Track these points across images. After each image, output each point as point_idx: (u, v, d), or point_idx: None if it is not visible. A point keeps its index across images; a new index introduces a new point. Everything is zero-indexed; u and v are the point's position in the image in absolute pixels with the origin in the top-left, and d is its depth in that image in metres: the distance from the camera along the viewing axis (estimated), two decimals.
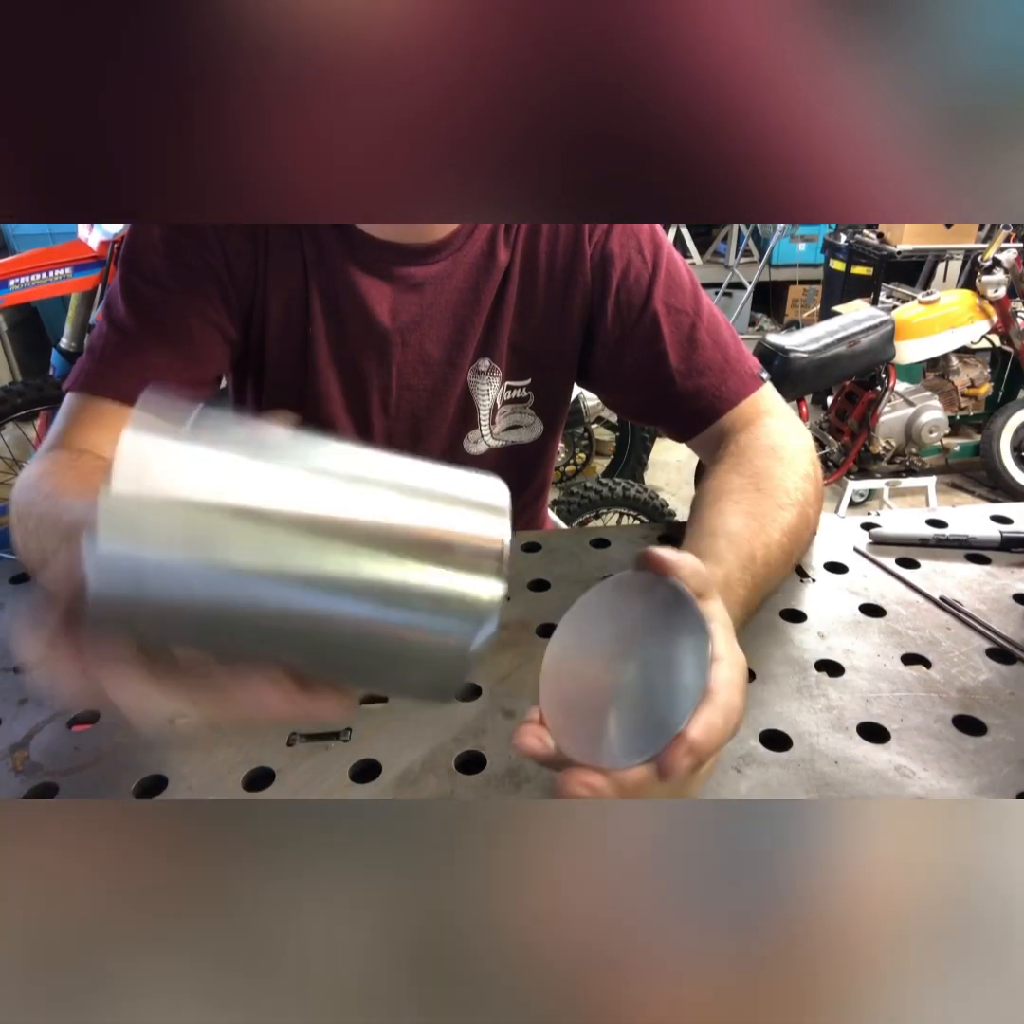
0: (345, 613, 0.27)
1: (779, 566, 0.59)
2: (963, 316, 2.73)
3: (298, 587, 0.27)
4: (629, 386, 0.80)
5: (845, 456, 2.75)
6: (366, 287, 0.73)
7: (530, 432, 0.85)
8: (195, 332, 0.71)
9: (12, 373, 3.33)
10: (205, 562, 0.26)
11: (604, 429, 2.93)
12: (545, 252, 0.76)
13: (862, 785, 0.45)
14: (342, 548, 0.27)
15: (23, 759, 0.48)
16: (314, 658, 0.30)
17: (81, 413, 0.69)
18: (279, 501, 0.26)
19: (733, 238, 4.58)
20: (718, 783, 0.45)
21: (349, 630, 0.28)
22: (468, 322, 0.77)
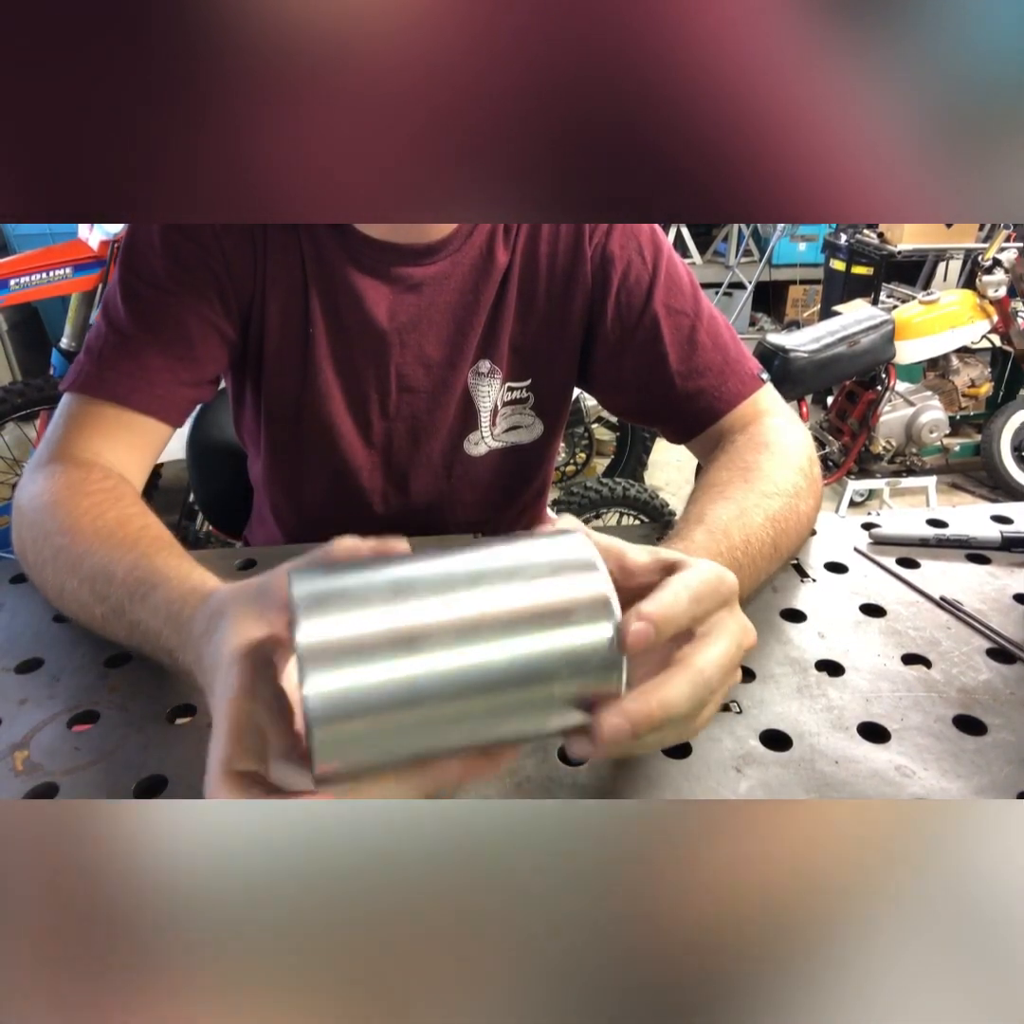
0: (521, 717, 0.33)
1: (764, 550, 0.58)
2: (963, 316, 2.73)
3: (484, 724, 0.32)
4: (629, 388, 0.80)
5: (845, 456, 2.75)
6: (364, 287, 0.73)
7: (530, 433, 0.85)
8: (193, 333, 0.71)
9: (12, 373, 3.33)
10: (412, 748, 0.32)
11: (604, 429, 2.93)
12: (545, 254, 0.76)
13: (862, 785, 0.45)
14: (510, 687, 0.32)
15: (23, 759, 0.48)
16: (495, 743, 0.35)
17: (81, 417, 0.69)
18: (454, 677, 0.31)
19: (733, 238, 4.58)
20: (718, 783, 0.45)
21: (524, 721, 0.34)
22: (468, 323, 0.77)
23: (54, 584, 0.58)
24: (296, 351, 0.76)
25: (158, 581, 0.50)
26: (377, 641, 0.30)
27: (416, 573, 0.33)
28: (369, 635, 0.31)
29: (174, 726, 0.50)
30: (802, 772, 0.46)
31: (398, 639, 0.31)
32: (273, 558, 0.70)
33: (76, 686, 0.54)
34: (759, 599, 0.62)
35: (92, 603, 0.54)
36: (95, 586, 0.53)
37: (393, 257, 0.73)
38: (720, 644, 0.38)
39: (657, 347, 0.76)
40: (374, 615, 0.31)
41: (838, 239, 3.60)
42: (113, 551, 0.54)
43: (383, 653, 0.30)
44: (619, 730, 0.34)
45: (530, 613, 0.32)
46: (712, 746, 0.48)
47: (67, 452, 0.67)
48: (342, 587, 0.32)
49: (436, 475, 0.84)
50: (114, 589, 0.52)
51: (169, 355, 0.70)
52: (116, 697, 0.53)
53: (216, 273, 0.71)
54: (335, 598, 0.31)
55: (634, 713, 0.34)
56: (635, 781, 0.45)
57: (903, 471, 2.78)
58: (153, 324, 0.70)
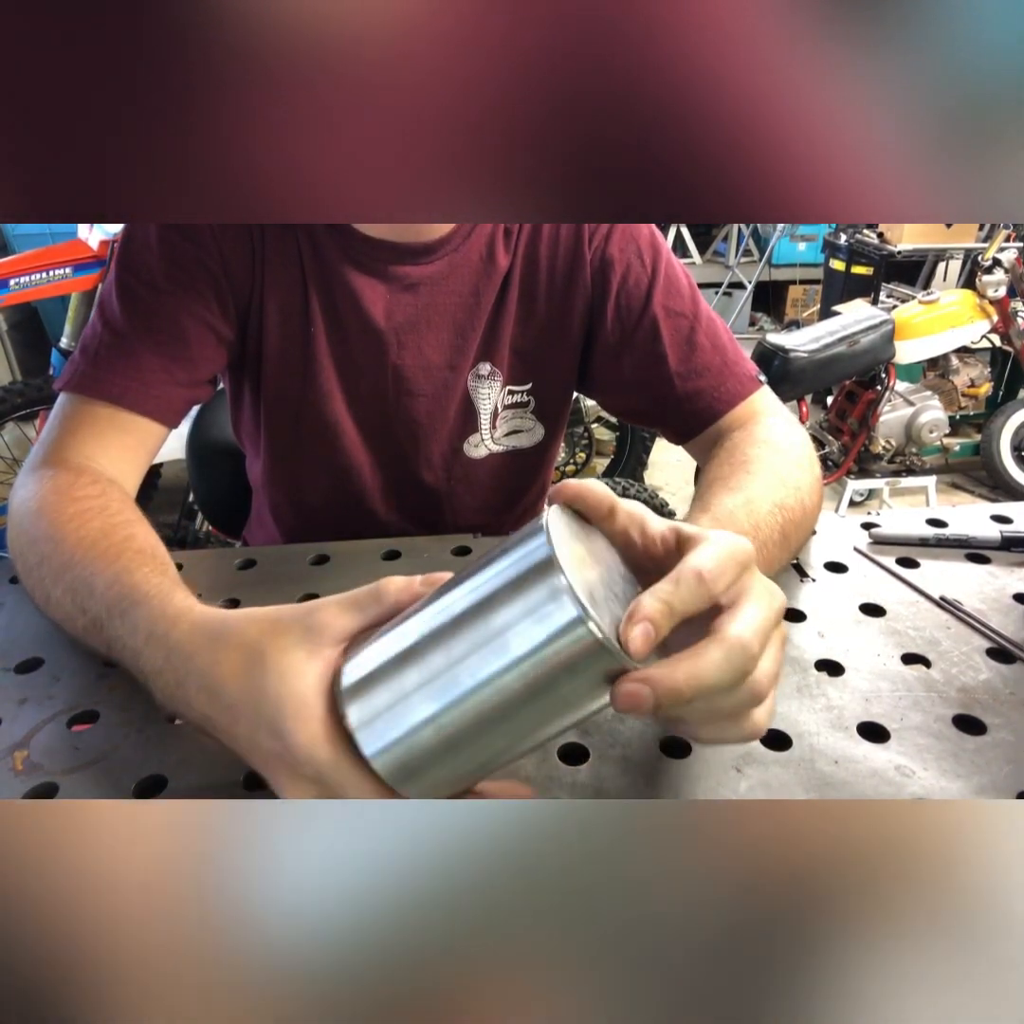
0: (554, 719, 0.36)
1: (773, 537, 0.56)
2: (963, 316, 2.73)
3: (523, 738, 0.37)
4: (629, 388, 0.80)
5: (845, 456, 2.75)
6: (361, 286, 0.73)
7: (531, 437, 0.85)
8: (189, 333, 0.71)
9: (12, 373, 3.32)
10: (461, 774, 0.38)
11: (604, 429, 2.93)
12: (546, 257, 0.76)
13: (862, 784, 0.45)
14: (527, 708, 0.35)
15: (23, 759, 0.48)
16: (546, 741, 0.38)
17: (75, 418, 0.68)
18: (475, 719, 0.35)
19: (733, 238, 4.58)
20: (718, 783, 0.45)
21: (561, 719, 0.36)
22: (468, 326, 0.77)
23: (40, 592, 0.57)
24: (297, 350, 0.76)
25: (138, 598, 0.48)
26: (411, 704, 0.36)
27: (422, 634, 0.37)
28: (403, 698, 0.36)
29: (174, 726, 0.50)
30: (802, 772, 0.46)
31: (428, 702, 0.36)
32: (273, 558, 0.70)
33: (76, 686, 0.54)
34: None
35: (74, 614, 0.53)
36: (75, 598, 0.52)
37: (390, 256, 0.73)
38: (748, 608, 0.36)
39: (656, 348, 0.76)
40: (406, 688, 0.36)
41: (838, 239, 3.60)
42: (94, 563, 0.53)
43: (419, 714, 0.36)
44: (634, 695, 0.33)
45: (507, 646, 0.34)
46: (712, 746, 0.48)
47: (59, 456, 0.66)
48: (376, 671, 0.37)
49: (436, 476, 0.84)
50: (94, 603, 0.51)
51: (165, 355, 0.70)
52: (116, 697, 0.53)
53: (213, 273, 0.71)
54: (370, 682, 0.37)
55: (657, 679, 0.33)
56: (635, 781, 0.45)
57: (903, 471, 2.78)
58: (149, 324, 0.70)
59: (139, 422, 0.70)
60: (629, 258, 0.76)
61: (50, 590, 0.55)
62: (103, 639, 0.50)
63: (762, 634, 0.36)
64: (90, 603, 0.51)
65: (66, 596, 0.53)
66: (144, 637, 0.46)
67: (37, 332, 3.51)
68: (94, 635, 0.51)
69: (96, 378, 0.69)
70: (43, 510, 0.59)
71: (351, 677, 0.38)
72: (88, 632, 0.52)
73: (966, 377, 3.02)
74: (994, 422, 2.95)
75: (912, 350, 2.66)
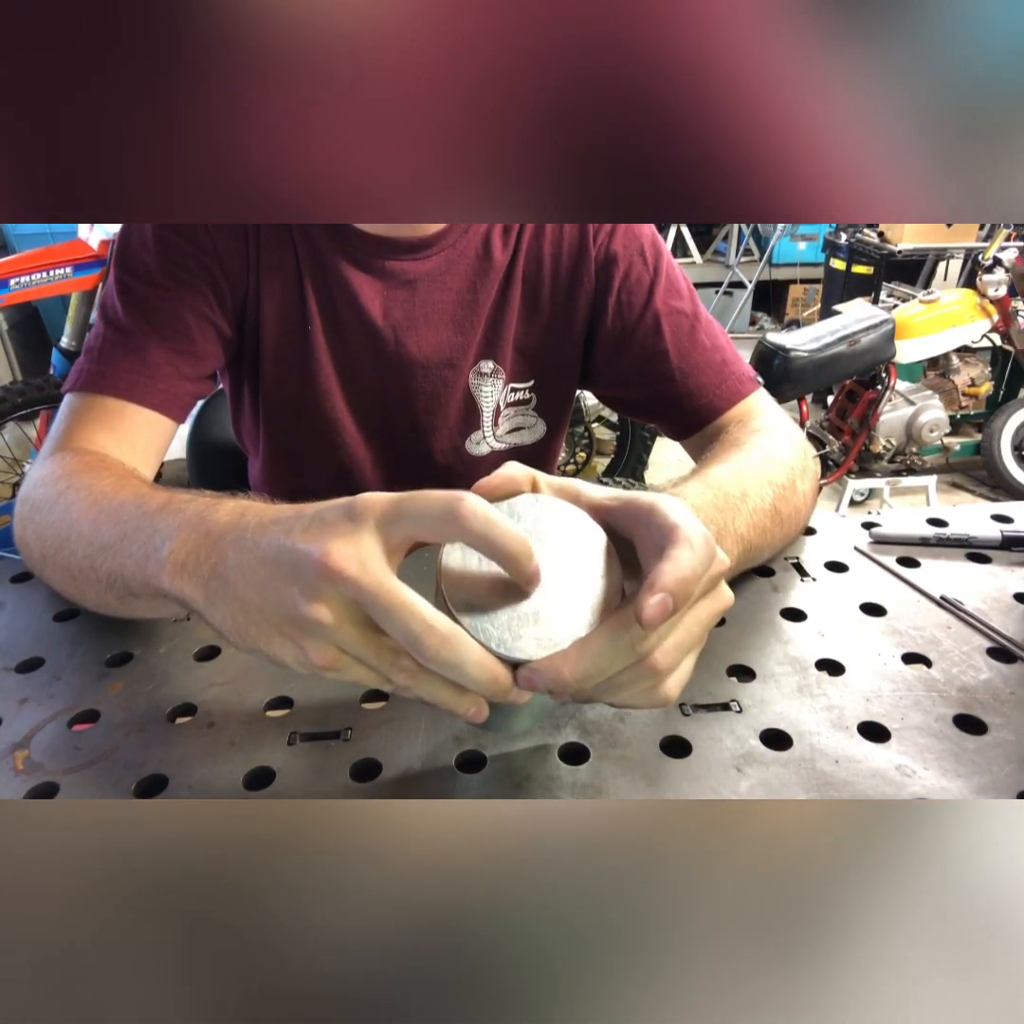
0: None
1: (763, 506, 0.57)
2: (964, 315, 2.73)
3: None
4: (629, 382, 0.80)
5: (845, 455, 2.75)
6: (358, 283, 0.74)
7: (533, 434, 0.85)
8: (191, 327, 0.71)
9: (12, 373, 3.33)
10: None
11: (604, 428, 2.93)
12: (550, 255, 0.77)
13: (862, 784, 0.45)
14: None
15: (24, 758, 0.48)
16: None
17: (84, 412, 0.68)
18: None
19: (733, 237, 4.58)
20: (718, 782, 0.45)
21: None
22: (468, 323, 0.77)
23: (57, 533, 0.54)
24: (294, 348, 0.76)
25: (188, 498, 0.47)
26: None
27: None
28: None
29: (174, 725, 0.50)
30: (802, 772, 0.46)
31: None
32: None
33: (76, 685, 0.54)
34: (759, 599, 0.62)
35: (94, 533, 0.51)
36: (101, 515, 0.51)
37: (386, 251, 0.73)
38: (654, 588, 0.35)
39: (658, 343, 0.76)
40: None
41: (838, 238, 3.60)
42: (129, 489, 0.52)
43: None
44: (527, 680, 0.35)
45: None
46: (712, 746, 0.48)
47: (71, 444, 0.65)
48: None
49: (438, 474, 0.84)
50: (128, 511, 0.49)
51: (169, 349, 0.70)
52: (116, 696, 0.53)
53: (210, 270, 0.71)
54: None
55: (543, 671, 0.35)
56: (635, 781, 0.45)
57: (903, 470, 2.78)
58: (151, 319, 0.70)
59: (148, 416, 0.69)
60: (632, 255, 0.77)
61: (73, 521, 0.53)
62: (126, 550, 0.47)
63: (661, 611, 0.34)
64: (123, 515, 0.49)
65: (91, 511, 0.52)
66: (198, 510, 0.44)
67: (37, 332, 3.51)
68: (116, 551, 0.48)
69: (103, 375, 0.69)
70: (68, 474, 0.58)
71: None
72: (107, 550, 0.49)
73: (967, 376, 3.02)
74: (995, 421, 2.95)
75: (913, 349, 2.66)
